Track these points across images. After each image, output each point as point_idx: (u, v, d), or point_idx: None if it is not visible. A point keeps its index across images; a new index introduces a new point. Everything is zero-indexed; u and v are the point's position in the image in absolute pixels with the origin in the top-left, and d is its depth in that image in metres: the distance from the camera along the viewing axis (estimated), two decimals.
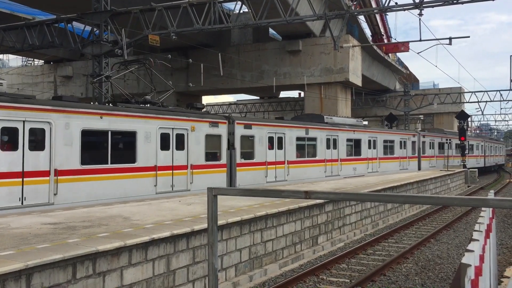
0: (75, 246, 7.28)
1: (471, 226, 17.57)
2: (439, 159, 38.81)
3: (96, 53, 23.54)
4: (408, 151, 32.99)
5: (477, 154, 50.78)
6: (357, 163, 27.63)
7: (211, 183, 16.40)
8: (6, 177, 11.48)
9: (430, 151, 36.82)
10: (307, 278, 10.72)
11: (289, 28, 31.75)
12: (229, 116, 18.80)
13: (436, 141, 37.97)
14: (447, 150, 39.86)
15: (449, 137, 41.00)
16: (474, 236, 4.79)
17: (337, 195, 4.00)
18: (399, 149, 31.73)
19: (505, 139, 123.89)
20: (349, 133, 26.83)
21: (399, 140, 31.87)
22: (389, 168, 30.46)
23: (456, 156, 42.63)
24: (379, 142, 29.50)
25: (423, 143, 35.38)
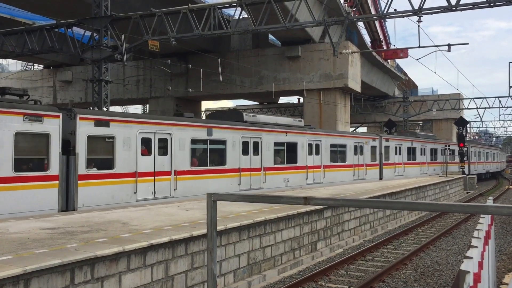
0: (74, 251, 7.27)
1: (470, 233, 17.56)
2: (409, 167, 34.14)
3: (96, 58, 23.57)
4: (366, 158, 28.55)
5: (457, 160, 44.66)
6: (291, 172, 21.73)
7: (24, 203, 11.71)
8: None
9: (396, 158, 32.00)
10: (305, 284, 10.70)
11: (289, 34, 31.82)
12: (67, 108, 13.65)
13: (404, 146, 33.18)
14: (420, 156, 35.68)
15: (423, 141, 36.67)
16: (473, 242, 4.79)
17: (336, 201, 4.01)
18: (354, 156, 27.09)
19: (504, 146, 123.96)
20: (279, 135, 21.08)
21: (353, 145, 27.18)
22: (339, 178, 25.50)
23: (432, 163, 38.18)
24: (325, 147, 24.43)
25: (386, 148, 30.77)
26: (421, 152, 35.90)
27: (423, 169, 36.20)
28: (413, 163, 34.69)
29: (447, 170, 38.90)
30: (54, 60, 39.44)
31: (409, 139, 34.65)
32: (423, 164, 36.26)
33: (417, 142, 35.53)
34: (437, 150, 39.45)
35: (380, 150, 30.28)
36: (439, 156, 39.93)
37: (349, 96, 38.09)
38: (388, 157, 30.92)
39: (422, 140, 36.56)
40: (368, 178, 28.58)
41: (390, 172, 31.19)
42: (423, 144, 36.33)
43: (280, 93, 39.46)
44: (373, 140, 29.53)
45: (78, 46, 24.23)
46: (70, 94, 41.96)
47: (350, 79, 34.51)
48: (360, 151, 27.99)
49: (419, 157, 35.50)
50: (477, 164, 49.39)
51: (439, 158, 39.91)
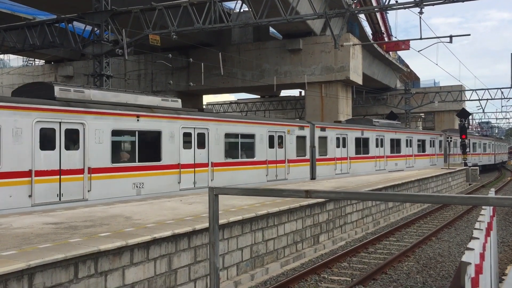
0: (77, 246, 7.31)
1: (472, 224, 17.58)
2: (359, 162, 27.26)
3: (96, 53, 23.57)
4: (289, 152, 21.55)
5: (430, 152, 37.89)
6: (153, 174, 15.38)
7: None
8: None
9: (337, 151, 25.43)
10: (308, 276, 10.74)
11: (290, 27, 31.75)
12: None
13: (350, 136, 26.58)
14: (376, 149, 29.21)
15: (380, 130, 29.88)
16: (475, 234, 4.80)
17: (337, 194, 4.02)
18: (267, 149, 20.15)
19: (506, 137, 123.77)
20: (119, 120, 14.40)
21: (267, 135, 20.21)
22: (243, 178, 19.06)
23: (394, 156, 31.36)
24: (213, 138, 17.67)
25: (322, 139, 24.15)
26: (377, 143, 29.45)
27: (380, 164, 29.52)
28: (365, 158, 27.99)
29: (449, 162, 38.88)
30: (55, 55, 39.43)
31: (359, 127, 27.77)
32: (380, 158, 29.52)
33: (370, 131, 28.68)
34: (400, 141, 32.38)
35: (312, 143, 23.34)
36: (405, 148, 32.80)
37: (351, 89, 38.05)
38: (325, 151, 24.30)
39: (378, 129, 29.67)
40: (293, 178, 21.72)
41: (328, 170, 24.39)
42: (380, 134, 29.51)
43: (281, 86, 39.44)
44: (300, 129, 22.30)
45: (79, 41, 24.23)
46: None
47: (352, 72, 34.45)
48: (279, 143, 21.09)
49: (374, 150, 28.96)
50: (459, 156, 43.90)
51: (404, 151, 32.66)
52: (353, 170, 26.82)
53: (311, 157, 23.21)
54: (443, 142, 39.49)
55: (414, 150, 34.01)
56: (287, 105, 57.56)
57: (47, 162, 12.25)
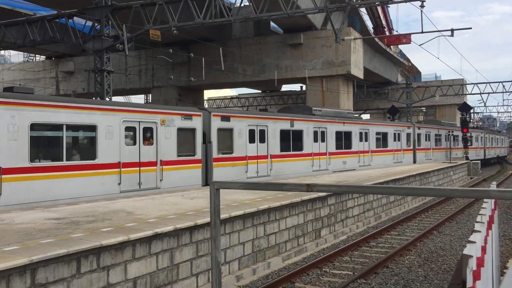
0: (79, 241, 7.33)
1: (474, 218, 17.58)
2: (284, 161, 21.37)
3: (97, 48, 23.54)
4: (165, 151, 15.97)
5: (394, 147, 31.40)
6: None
7: None
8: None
9: (251, 148, 19.51)
10: (310, 270, 10.76)
11: (290, 21, 31.66)
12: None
13: (273, 128, 20.63)
14: (314, 145, 23.29)
15: (320, 121, 23.94)
16: (476, 227, 4.81)
17: (339, 187, 4.02)
18: (121, 147, 14.52)
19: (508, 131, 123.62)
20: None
21: (122, 127, 14.55)
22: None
23: (342, 153, 25.58)
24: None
25: (225, 132, 18.45)
26: (316, 137, 23.51)
27: (319, 164, 23.63)
28: (297, 155, 22.17)
29: (450, 155, 38.85)
30: (56, 51, 39.42)
31: (286, 117, 21.85)
32: (319, 155, 23.67)
33: (305, 122, 22.88)
34: (351, 134, 26.46)
35: (208, 136, 17.95)
36: (359, 142, 27.23)
37: (352, 83, 37.98)
38: (229, 147, 18.66)
39: (317, 119, 23.90)
40: (168, 185, 15.93)
41: (236, 173, 18.80)
42: (319, 125, 23.77)
43: (282, 81, 39.37)
44: (185, 118, 16.81)
45: (80, 36, 24.19)
46: (72, 85, 41.98)
47: (353, 66, 34.38)
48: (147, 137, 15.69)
49: (310, 145, 23.06)
50: (432, 151, 37.91)
51: (357, 146, 27.11)
52: (277, 171, 20.71)
53: (204, 157, 17.41)
54: (412, 135, 33.71)
55: (371, 145, 28.25)
56: (288, 99, 57.49)
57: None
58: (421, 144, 34.95)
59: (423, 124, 38.62)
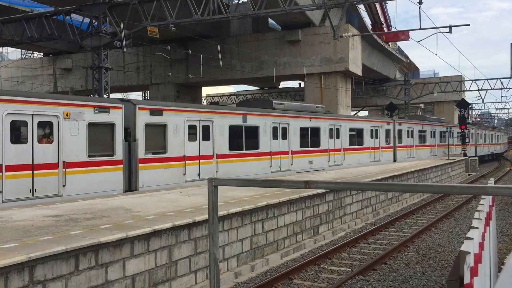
0: (78, 238, 7.33)
1: (472, 214, 17.62)
2: (235, 162, 18.80)
3: (95, 45, 23.50)
4: (69, 150, 13.45)
5: (371, 145, 28.83)
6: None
7: None
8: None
9: (191, 147, 16.91)
10: (308, 267, 10.79)
11: (289, 18, 31.63)
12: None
13: (219, 124, 18.18)
14: (273, 143, 20.81)
15: (281, 116, 21.32)
16: (474, 224, 4.82)
17: (337, 184, 4.03)
18: (4, 146, 12.23)
19: (506, 127, 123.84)
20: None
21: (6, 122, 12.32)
22: None
23: (308, 152, 23.00)
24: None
25: (156, 128, 15.89)
26: (276, 134, 21.17)
27: (280, 164, 21.29)
28: (251, 155, 19.75)
29: (448, 152, 38.91)
30: (54, 48, 39.29)
31: (237, 111, 19.38)
32: (280, 154, 21.35)
33: (262, 117, 20.33)
34: (320, 131, 24.01)
35: (132, 134, 15.30)
36: (329, 140, 24.76)
37: (350, 80, 37.96)
38: (161, 146, 16.04)
39: (279, 113, 21.35)
40: (73, 192, 13.46)
41: (170, 176, 16.17)
42: (281, 121, 21.33)
43: (280, 77, 39.37)
44: (99, 111, 14.32)
45: (77, 33, 24.14)
46: (70, 82, 41.90)
47: (351, 63, 34.36)
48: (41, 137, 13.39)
49: (268, 143, 20.68)
50: (416, 148, 34.87)
51: (327, 144, 24.59)
52: (226, 173, 18.30)
53: (126, 158, 14.89)
54: (392, 132, 31.00)
55: (344, 143, 25.87)
56: (287, 96, 57.47)
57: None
58: (402, 141, 32.32)
59: (405, 119, 35.48)
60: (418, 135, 35.14)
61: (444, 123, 42.34)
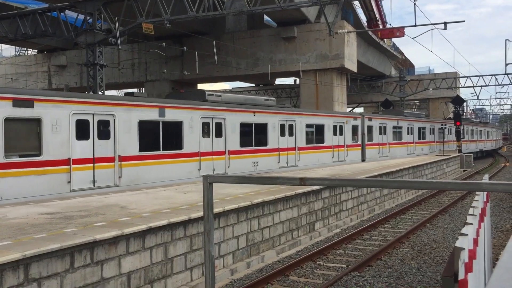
0: (73, 236, 7.31)
1: (467, 210, 17.69)
2: (150, 165, 15.41)
3: (89, 42, 23.39)
4: None
5: (334, 143, 25.53)
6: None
7: None
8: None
9: (93, 146, 13.96)
10: (304, 264, 10.81)
11: (284, 14, 31.57)
12: None
13: (124, 118, 14.66)
14: (203, 142, 17.44)
15: (216, 109, 18.06)
16: (468, 220, 4.83)
17: (332, 181, 4.03)
18: None
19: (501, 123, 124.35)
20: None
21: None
22: None
23: (250, 152, 19.64)
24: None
25: (18, 124, 12.24)
26: (213, 130, 18.01)
27: (213, 166, 17.84)
28: (176, 156, 16.45)
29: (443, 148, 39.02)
30: (48, 45, 39.08)
31: (152, 103, 15.71)
32: (214, 155, 18.01)
33: (188, 110, 17.00)
34: (267, 127, 20.69)
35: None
36: (279, 137, 21.32)
37: (346, 77, 37.98)
38: (35, 147, 12.67)
39: (211, 107, 17.97)
40: None
41: (42, 185, 12.62)
42: (214, 115, 17.99)
43: (276, 74, 39.31)
44: None
45: (72, 30, 24.02)
46: (65, 79, 41.71)
47: (346, 59, 34.36)
48: None
49: (194, 142, 17.14)
50: (389, 146, 31.48)
51: (275, 142, 21.12)
52: (133, 179, 14.70)
53: None
54: (360, 128, 28.00)
55: (300, 141, 22.60)
56: (282, 93, 57.45)
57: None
58: (373, 139, 29.16)
59: (377, 114, 32.44)
60: (393, 132, 31.86)
61: (424, 118, 38.61)
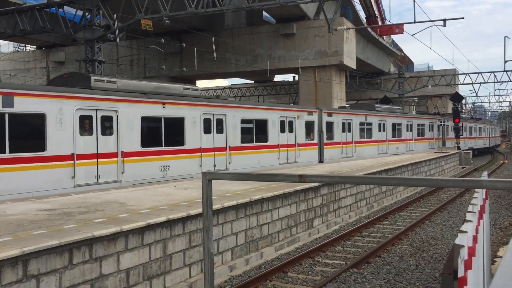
0: (71, 232, 7.30)
1: (465, 207, 17.72)
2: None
3: (88, 38, 23.32)
4: None
5: (282, 142, 21.86)
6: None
7: None
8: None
9: None
10: (303, 260, 10.82)
11: (283, 11, 31.53)
12: None
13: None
14: (94, 139, 13.74)
15: (119, 100, 14.58)
16: (468, 217, 4.83)
17: (331, 178, 4.02)
18: None
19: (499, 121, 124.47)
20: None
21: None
22: None
23: (155, 153, 15.63)
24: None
25: None
26: (90, 128, 13.95)
27: (78, 174, 13.28)
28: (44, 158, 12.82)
29: (442, 145, 39.04)
30: (46, 41, 38.98)
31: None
32: (93, 159, 13.90)
33: (46, 99, 12.78)
34: (184, 123, 16.75)
35: None
36: (199, 136, 17.28)
37: (345, 73, 37.95)
38: None
39: (112, 97, 14.47)
40: None
41: None
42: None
43: (275, 71, 39.29)
44: None
45: (70, 26, 23.94)
46: None
47: (345, 56, 34.33)
48: None
49: (62, 141, 13.09)
50: (355, 145, 27.56)
51: (202, 141, 17.37)
52: None
53: None
54: (317, 125, 24.37)
55: (232, 139, 18.74)
56: (281, 90, 57.38)
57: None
58: (334, 137, 25.53)
59: (340, 109, 28.69)
60: (360, 129, 28.04)
61: (400, 113, 34.55)
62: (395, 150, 32.20)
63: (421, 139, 36.19)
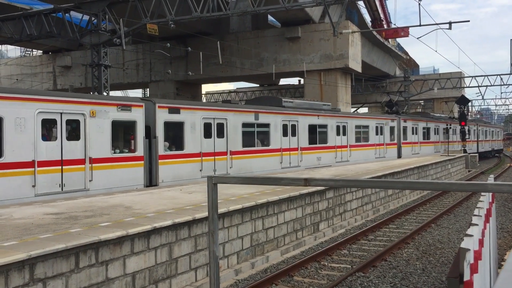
0: (78, 236, 7.33)
1: (472, 211, 17.63)
2: None
3: (94, 42, 23.46)
4: None
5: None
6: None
7: None
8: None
9: None
10: (308, 264, 10.79)
11: (288, 14, 31.57)
12: None
13: None
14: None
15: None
16: (474, 220, 4.82)
17: (336, 181, 4.02)
18: None
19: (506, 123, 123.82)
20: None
21: None
22: None
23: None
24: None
25: None
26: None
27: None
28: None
29: (448, 148, 38.87)
30: (53, 45, 39.26)
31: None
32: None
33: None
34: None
35: None
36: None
37: (350, 77, 37.92)
38: None
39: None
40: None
41: None
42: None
43: (280, 74, 39.33)
44: None
45: (77, 30, 24.10)
46: (70, 79, 41.85)
47: (351, 59, 34.31)
48: None
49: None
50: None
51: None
52: None
53: None
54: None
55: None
56: (286, 93, 57.41)
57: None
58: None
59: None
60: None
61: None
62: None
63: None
